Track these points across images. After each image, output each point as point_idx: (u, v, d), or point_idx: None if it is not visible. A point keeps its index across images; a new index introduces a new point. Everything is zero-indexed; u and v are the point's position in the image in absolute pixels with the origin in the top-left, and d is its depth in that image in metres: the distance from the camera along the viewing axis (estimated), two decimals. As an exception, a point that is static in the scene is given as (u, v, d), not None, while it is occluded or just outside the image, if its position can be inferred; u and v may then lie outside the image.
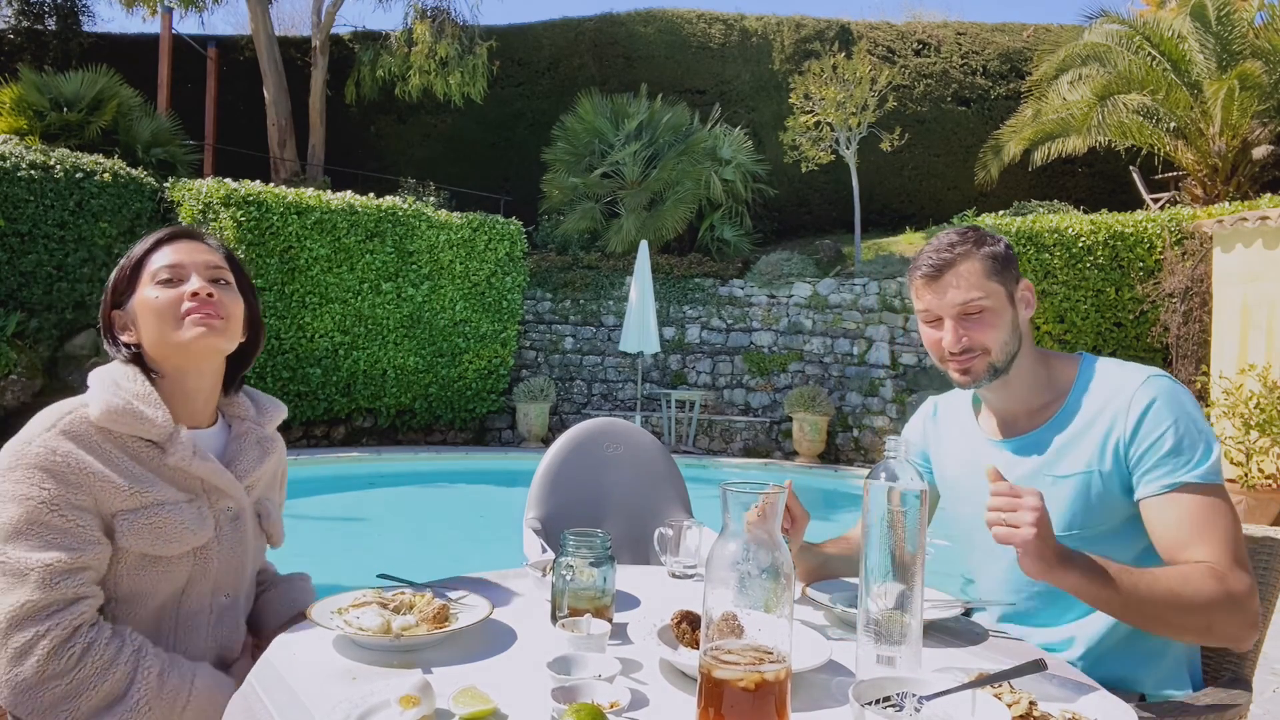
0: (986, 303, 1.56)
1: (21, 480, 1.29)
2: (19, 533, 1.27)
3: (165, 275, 1.47)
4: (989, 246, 1.59)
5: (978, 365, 1.58)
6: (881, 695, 1.00)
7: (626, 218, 11.94)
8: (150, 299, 1.46)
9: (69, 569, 1.28)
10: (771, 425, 10.52)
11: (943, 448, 1.80)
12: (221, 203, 8.75)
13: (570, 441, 2.38)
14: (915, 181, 14.93)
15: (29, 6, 14.78)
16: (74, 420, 1.34)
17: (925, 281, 1.60)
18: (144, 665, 1.29)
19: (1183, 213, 8.76)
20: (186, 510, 1.39)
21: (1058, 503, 1.53)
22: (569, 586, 1.35)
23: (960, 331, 1.58)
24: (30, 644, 1.24)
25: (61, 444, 1.31)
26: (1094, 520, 1.53)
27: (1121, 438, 1.50)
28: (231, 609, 1.49)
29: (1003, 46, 15.22)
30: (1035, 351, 1.64)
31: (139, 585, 1.36)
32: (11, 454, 1.32)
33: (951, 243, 1.60)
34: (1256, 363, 6.57)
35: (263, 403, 1.65)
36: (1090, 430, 1.54)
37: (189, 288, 1.46)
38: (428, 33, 13.29)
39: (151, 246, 1.50)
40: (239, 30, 20.13)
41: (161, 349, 1.46)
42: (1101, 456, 1.52)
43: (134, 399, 1.37)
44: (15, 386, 7.59)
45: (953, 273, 1.57)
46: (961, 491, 1.73)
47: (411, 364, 9.79)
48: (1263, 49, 10.08)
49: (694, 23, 15.55)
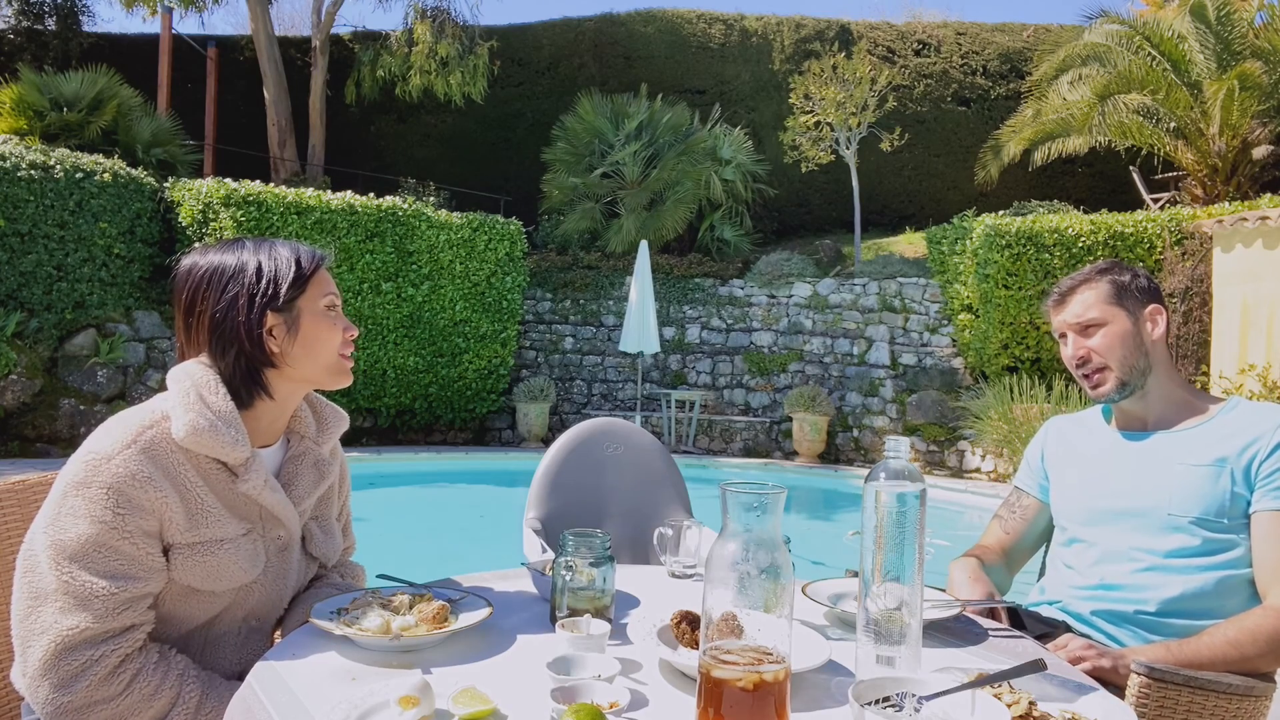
0: (1102, 320, 1.74)
1: (96, 499, 1.23)
2: (87, 554, 1.23)
3: (335, 303, 1.45)
4: (1114, 275, 1.78)
5: (1103, 379, 1.75)
6: (881, 695, 1.00)
7: (626, 218, 11.94)
8: (329, 321, 1.42)
9: (132, 597, 1.25)
10: (771, 425, 10.52)
11: (1069, 457, 1.90)
12: (221, 203, 8.75)
13: (570, 442, 2.38)
14: (915, 181, 14.93)
15: (29, 6, 14.77)
16: (155, 437, 1.28)
17: (1053, 305, 1.84)
18: (187, 691, 1.28)
19: (1183, 213, 8.76)
20: (243, 547, 1.34)
21: (1191, 488, 1.64)
22: (569, 586, 1.35)
23: (1079, 345, 1.77)
24: (81, 668, 1.21)
25: (142, 467, 1.25)
26: (1217, 510, 1.62)
27: (1260, 453, 1.61)
28: (259, 632, 1.46)
29: (1003, 46, 15.22)
30: (1176, 377, 1.79)
31: (177, 610, 1.34)
32: (88, 467, 1.25)
33: (1079, 276, 1.81)
34: (1256, 363, 6.58)
35: (325, 415, 1.57)
36: (1232, 438, 1.65)
37: (348, 329, 1.45)
38: (428, 33, 13.29)
39: (319, 260, 1.45)
40: (239, 30, 20.14)
41: (305, 371, 1.41)
42: (1238, 459, 1.62)
43: (218, 419, 1.30)
44: (15, 386, 7.59)
45: (1075, 296, 1.80)
46: (1091, 484, 1.81)
47: (411, 364, 9.79)
48: (1263, 49, 10.08)
49: (694, 23, 15.55)
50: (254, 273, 1.37)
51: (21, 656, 1.25)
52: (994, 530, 2.00)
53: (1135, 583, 1.66)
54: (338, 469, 1.60)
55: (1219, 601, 1.60)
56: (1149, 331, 1.75)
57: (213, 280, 1.38)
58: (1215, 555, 1.61)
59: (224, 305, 1.36)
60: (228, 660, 1.41)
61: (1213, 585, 1.60)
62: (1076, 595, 1.75)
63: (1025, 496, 1.98)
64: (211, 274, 1.38)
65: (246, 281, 1.37)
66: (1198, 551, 1.62)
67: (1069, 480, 1.86)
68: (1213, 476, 1.62)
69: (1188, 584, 1.61)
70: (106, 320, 8.44)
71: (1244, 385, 6.41)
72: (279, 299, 1.38)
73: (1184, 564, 1.62)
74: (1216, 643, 1.49)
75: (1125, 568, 1.68)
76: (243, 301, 1.36)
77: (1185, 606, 1.61)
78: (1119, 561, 1.69)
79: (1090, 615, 1.71)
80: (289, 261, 1.40)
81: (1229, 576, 1.60)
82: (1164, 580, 1.63)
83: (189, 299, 1.39)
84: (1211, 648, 1.49)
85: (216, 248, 1.43)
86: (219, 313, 1.36)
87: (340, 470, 1.63)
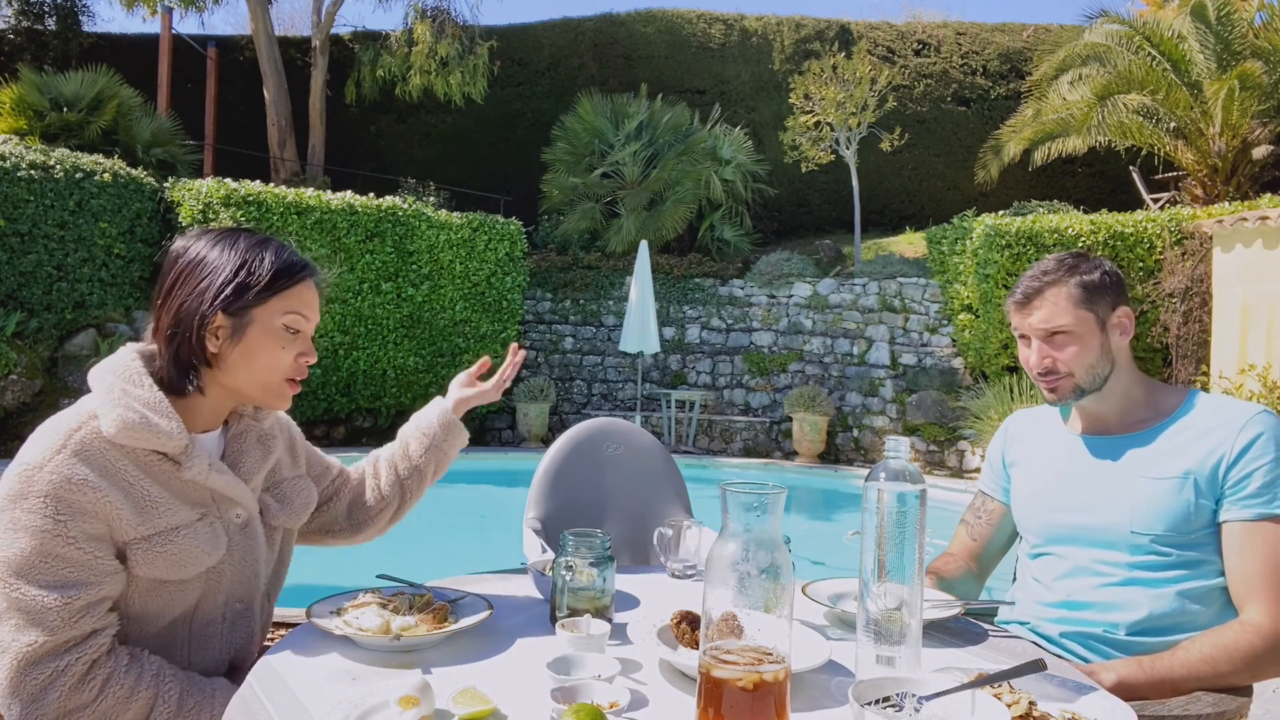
0: (1071, 328, 1.64)
1: (34, 509, 1.21)
2: (32, 566, 1.20)
3: (299, 325, 1.40)
4: (1082, 275, 1.66)
5: (1063, 386, 1.68)
6: (881, 695, 1.00)
7: (626, 218, 11.94)
8: (280, 340, 1.38)
9: (87, 604, 1.23)
10: (771, 425, 10.52)
11: (1028, 460, 1.84)
12: (221, 203, 8.75)
13: (570, 441, 2.38)
14: (915, 181, 14.92)
15: (29, 6, 14.77)
16: (85, 438, 1.25)
17: (1015, 307, 1.72)
18: (164, 689, 1.26)
19: (1183, 213, 8.76)
20: (200, 531, 1.32)
21: (1153, 504, 1.58)
22: (569, 586, 1.35)
23: (1045, 353, 1.67)
24: (49, 681, 1.20)
25: (76, 469, 1.22)
26: (1182, 525, 1.56)
27: (1226, 457, 1.55)
28: (245, 616, 1.45)
29: (1003, 46, 15.22)
30: (1136, 374, 1.71)
31: (150, 606, 1.32)
32: (21, 479, 1.23)
33: (1045, 270, 1.69)
34: (1256, 363, 6.58)
35: None
36: (1195, 444, 1.59)
37: (305, 354, 1.41)
38: (428, 33, 13.29)
39: (298, 277, 1.40)
40: (239, 30, 20.14)
41: (238, 381, 1.38)
42: (1201, 468, 1.56)
43: (146, 410, 1.28)
44: (15, 386, 7.59)
45: (1040, 299, 1.67)
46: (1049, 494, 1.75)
47: (411, 364, 9.79)
48: (1263, 49, 10.08)
49: (694, 23, 15.55)
50: (230, 270, 1.35)
51: None
52: (961, 537, 1.95)
53: (1102, 600, 1.62)
54: (283, 438, 1.58)
55: (1190, 615, 1.55)
56: (1116, 338, 1.68)
57: (193, 270, 1.37)
58: (1182, 569, 1.57)
59: (192, 295, 1.35)
60: (217, 651, 1.40)
61: (1182, 599, 1.55)
62: (1045, 616, 1.70)
63: (990, 501, 1.92)
64: (193, 263, 1.37)
65: (220, 277, 1.35)
66: (1164, 566, 1.57)
67: (1028, 488, 1.81)
68: (1175, 489, 1.57)
69: (1156, 600, 1.57)
70: (106, 320, 8.43)
71: (1244, 385, 6.40)
72: (234, 303, 1.34)
73: (1150, 577, 1.58)
74: (1192, 659, 1.46)
75: (1090, 582, 1.64)
76: (208, 294, 1.34)
77: (1156, 624, 1.57)
78: (1084, 576, 1.65)
79: (1060, 638, 1.66)
80: (268, 268, 1.37)
81: (1197, 588, 1.56)
82: (1131, 597, 1.59)
83: (169, 282, 1.38)
84: (1186, 665, 1.45)
85: (211, 235, 1.40)
86: (186, 300, 1.35)
87: (288, 435, 1.61)
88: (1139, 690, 1.45)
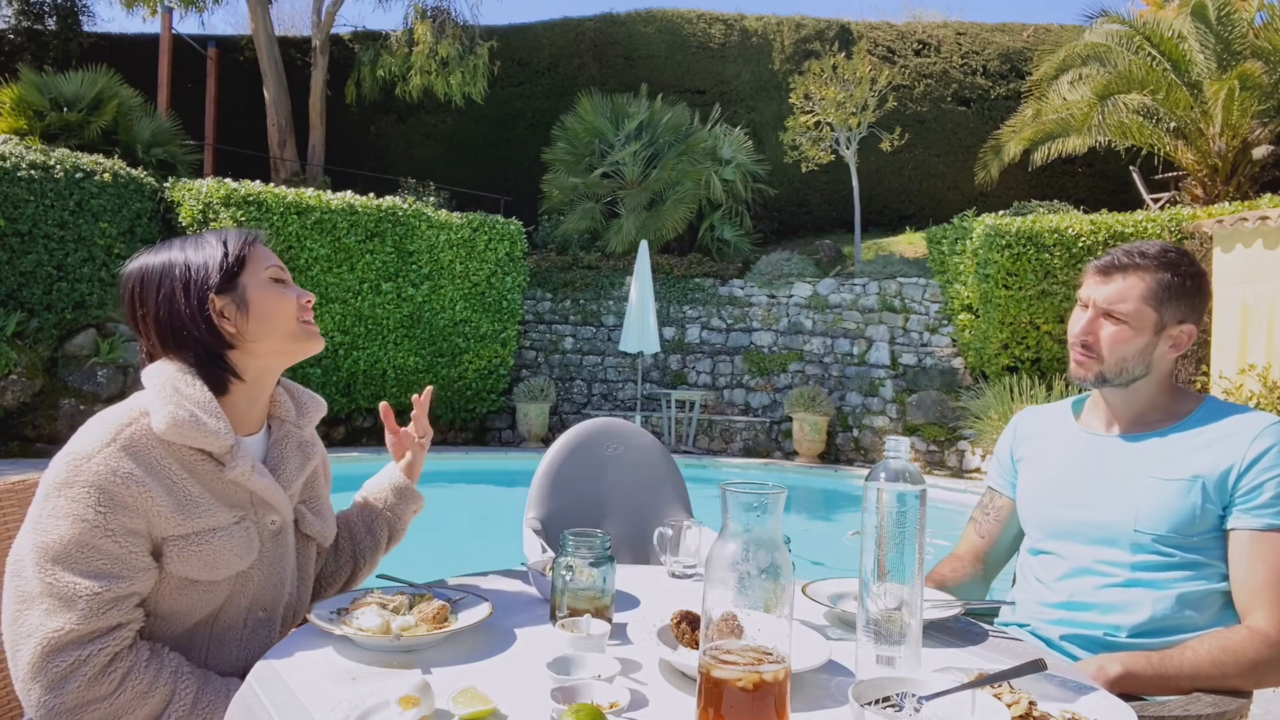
0: (1127, 318, 1.62)
1: (78, 499, 1.23)
2: (70, 554, 1.22)
3: (279, 275, 1.47)
4: (1167, 273, 1.62)
5: (1089, 365, 1.66)
6: (881, 695, 0.99)
7: (626, 218, 11.94)
8: (277, 293, 1.44)
9: (117, 597, 1.24)
10: (771, 425, 10.52)
11: (1035, 455, 1.84)
12: (221, 203, 8.75)
13: (570, 442, 2.38)
14: (915, 181, 14.93)
15: (29, 6, 14.78)
16: (135, 433, 1.28)
17: (1095, 271, 1.68)
18: (182, 687, 1.28)
19: (1183, 213, 8.76)
20: (235, 534, 1.34)
21: (1160, 504, 1.58)
22: (569, 586, 1.34)
23: (1091, 327, 1.66)
24: (71, 669, 1.21)
25: (123, 463, 1.25)
26: (1186, 527, 1.56)
27: (1237, 464, 1.55)
28: (266, 624, 1.45)
29: (1003, 46, 15.22)
30: (1168, 384, 1.70)
31: (178, 605, 1.34)
32: (69, 468, 1.25)
33: (1143, 251, 1.65)
34: (1256, 363, 6.58)
35: (303, 400, 1.59)
36: (1206, 450, 1.58)
37: (301, 295, 1.47)
38: (428, 33, 13.29)
39: (253, 238, 1.47)
40: (239, 30, 20.14)
41: (269, 345, 1.43)
42: (1211, 473, 1.56)
43: (197, 409, 1.31)
44: (15, 386, 7.59)
45: (1120, 275, 1.64)
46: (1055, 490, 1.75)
47: (411, 364, 9.79)
48: (1263, 49, 10.08)
49: (694, 23, 15.55)
50: (183, 265, 1.40)
51: (12, 661, 1.25)
52: (969, 535, 1.94)
53: (1104, 601, 1.61)
54: (321, 451, 1.61)
55: (1190, 618, 1.55)
56: (1165, 348, 1.65)
57: (146, 283, 1.41)
58: (1184, 570, 1.56)
59: (163, 303, 1.39)
60: (233, 655, 1.41)
61: (1183, 601, 1.55)
62: (1046, 617, 1.70)
63: (999, 497, 1.91)
64: (144, 278, 1.41)
65: (177, 275, 1.39)
66: (1166, 567, 1.57)
67: (1035, 484, 1.80)
68: (1183, 492, 1.56)
69: (1158, 602, 1.56)
70: (106, 320, 8.43)
71: (1244, 385, 6.41)
72: (212, 282, 1.39)
73: (1152, 578, 1.58)
74: (1200, 660, 1.45)
75: (1093, 583, 1.63)
76: (179, 294, 1.38)
77: (1158, 626, 1.56)
78: (1086, 576, 1.64)
79: (1060, 640, 1.66)
80: (216, 245, 1.43)
81: (1198, 590, 1.56)
82: (1134, 597, 1.58)
83: (131, 307, 1.42)
84: (1194, 664, 1.45)
85: (149, 251, 1.45)
86: (160, 311, 1.39)
87: (323, 458, 1.64)
88: (1143, 683, 1.46)
